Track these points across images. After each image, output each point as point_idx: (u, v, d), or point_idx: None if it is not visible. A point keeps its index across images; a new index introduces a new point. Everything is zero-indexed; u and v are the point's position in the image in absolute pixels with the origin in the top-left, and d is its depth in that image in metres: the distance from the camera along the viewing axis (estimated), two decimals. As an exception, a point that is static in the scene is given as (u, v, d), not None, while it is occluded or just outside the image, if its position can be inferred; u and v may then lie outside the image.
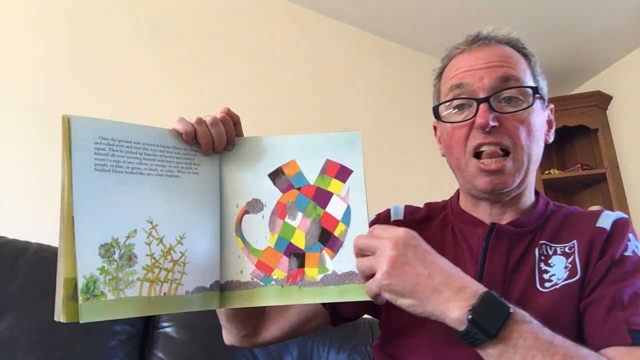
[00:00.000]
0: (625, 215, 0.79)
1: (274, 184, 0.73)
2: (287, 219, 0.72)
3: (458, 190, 0.90)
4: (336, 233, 0.70)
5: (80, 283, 0.58)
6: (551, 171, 2.59)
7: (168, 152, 0.69)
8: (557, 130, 2.77)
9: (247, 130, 0.78)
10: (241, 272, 0.71)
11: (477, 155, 0.77)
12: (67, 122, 0.61)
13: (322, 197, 0.72)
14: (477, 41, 0.83)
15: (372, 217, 0.95)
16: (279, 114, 2.10)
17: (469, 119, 0.77)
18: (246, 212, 0.72)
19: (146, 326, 1.26)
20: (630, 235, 0.76)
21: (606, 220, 0.77)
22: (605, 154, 2.54)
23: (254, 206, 0.72)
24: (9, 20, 1.70)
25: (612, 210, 2.50)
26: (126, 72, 1.84)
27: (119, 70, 1.83)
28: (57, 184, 1.67)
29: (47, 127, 1.64)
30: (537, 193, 0.86)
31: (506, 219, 0.81)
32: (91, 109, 1.73)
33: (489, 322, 0.58)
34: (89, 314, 0.58)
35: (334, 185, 0.72)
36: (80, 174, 0.60)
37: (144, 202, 0.65)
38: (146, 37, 1.93)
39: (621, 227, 0.76)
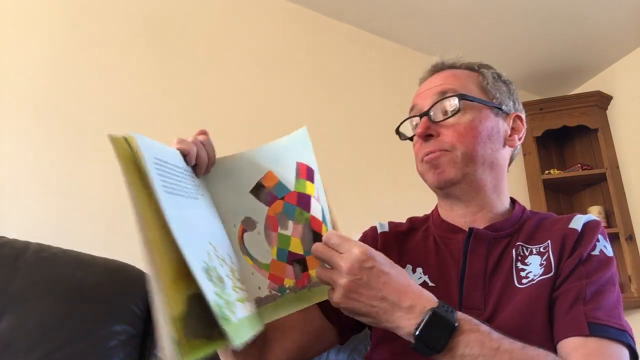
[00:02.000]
0: (597, 218, 0.85)
1: (258, 199, 0.72)
2: (280, 230, 0.71)
3: (437, 205, 0.97)
4: (324, 234, 0.70)
5: (215, 310, 0.53)
6: (551, 171, 2.59)
7: (184, 174, 0.65)
8: (557, 130, 2.74)
9: (247, 130, 0.78)
10: (259, 287, 0.70)
11: None
12: (133, 143, 0.56)
13: (304, 201, 0.71)
14: (432, 70, 0.94)
15: (359, 235, 0.99)
16: (278, 113, 2.10)
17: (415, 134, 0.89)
18: (244, 230, 0.71)
19: (146, 326, 1.26)
20: (600, 236, 0.82)
21: (578, 222, 0.83)
22: (605, 154, 2.53)
23: (249, 224, 0.72)
24: (10, 20, 1.70)
25: (612, 210, 2.50)
26: (126, 72, 1.84)
27: (120, 71, 1.83)
28: (57, 184, 1.66)
29: (48, 127, 1.64)
30: (514, 201, 0.93)
31: (479, 220, 0.88)
32: (91, 109, 1.73)
33: (433, 338, 0.62)
34: (237, 338, 0.55)
35: (309, 188, 0.72)
36: (163, 196, 0.55)
37: (199, 225, 0.62)
38: (146, 37, 1.93)
39: (591, 228, 0.82)
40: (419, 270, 0.87)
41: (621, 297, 0.78)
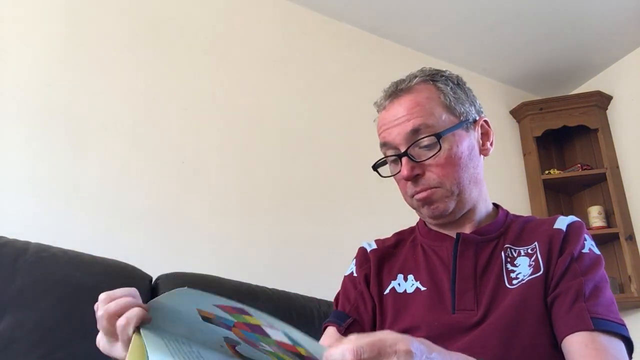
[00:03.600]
0: (579, 220, 0.88)
1: (216, 324, 0.59)
2: (261, 348, 0.58)
3: None
4: (304, 353, 0.56)
5: None
6: (551, 171, 2.59)
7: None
8: (557, 130, 2.74)
9: (247, 130, 0.77)
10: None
11: None
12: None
13: (257, 330, 0.57)
14: (389, 97, 0.91)
15: (353, 262, 1.00)
16: (277, 114, 2.10)
17: (399, 172, 0.89)
18: (234, 345, 0.61)
19: (146, 326, 1.26)
20: (586, 236, 0.85)
21: (562, 222, 0.87)
22: (605, 154, 2.53)
23: (231, 341, 0.61)
24: (9, 20, 1.70)
25: (612, 210, 2.50)
26: (126, 72, 1.84)
27: (119, 70, 1.83)
28: (57, 184, 1.66)
29: (47, 127, 1.64)
30: (497, 206, 0.96)
31: (467, 228, 0.90)
32: (91, 109, 1.73)
33: None
34: None
35: (251, 319, 0.56)
36: None
37: None
38: (145, 36, 1.93)
39: (576, 228, 0.85)
40: (410, 277, 0.90)
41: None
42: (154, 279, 1.35)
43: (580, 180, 2.58)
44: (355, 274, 0.96)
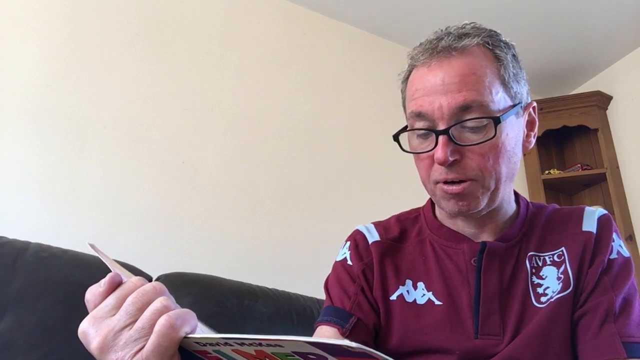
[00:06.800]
0: (607, 212, 0.79)
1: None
2: None
3: (431, 199, 0.85)
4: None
5: None
6: (551, 171, 2.59)
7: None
8: (557, 131, 2.73)
9: (247, 130, 0.77)
10: None
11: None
12: None
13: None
14: (438, 54, 0.73)
15: (346, 246, 0.87)
16: (278, 114, 2.10)
17: (429, 151, 0.72)
18: None
19: (146, 326, 1.26)
20: (614, 235, 0.76)
21: (591, 221, 0.77)
22: (605, 154, 2.54)
23: None
24: (9, 20, 1.70)
25: (612, 210, 2.48)
26: (126, 72, 1.84)
27: (119, 70, 1.83)
28: (57, 184, 1.66)
29: (47, 126, 1.64)
30: (516, 196, 0.83)
31: (487, 231, 0.78)
32: (91, 109, 1.73)
33: None
34: None
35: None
36: None
37: None
38: (146, 37, 1.93)
39: (606, 227, 0.76)
40: (421, 285, 0.78)
41: None
42: (154, 279, 1.35)
43: (580, 180, 2.58)
44: (350, 262, 0.83)
